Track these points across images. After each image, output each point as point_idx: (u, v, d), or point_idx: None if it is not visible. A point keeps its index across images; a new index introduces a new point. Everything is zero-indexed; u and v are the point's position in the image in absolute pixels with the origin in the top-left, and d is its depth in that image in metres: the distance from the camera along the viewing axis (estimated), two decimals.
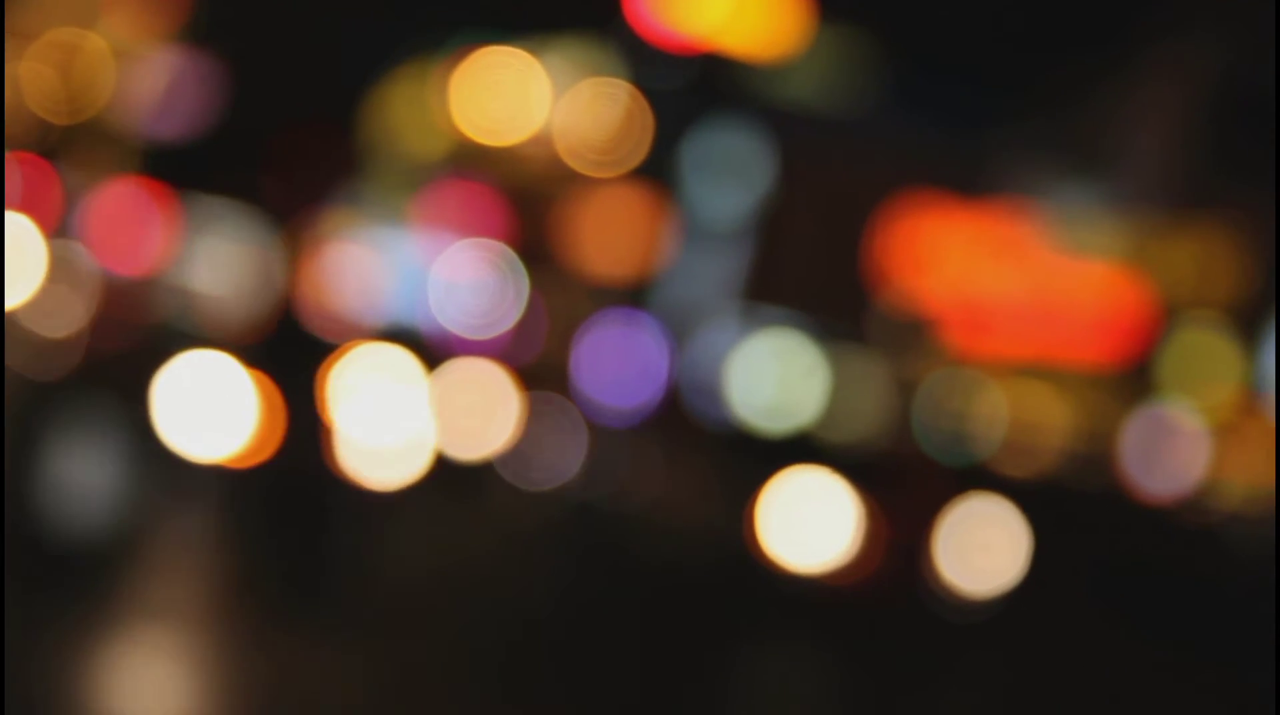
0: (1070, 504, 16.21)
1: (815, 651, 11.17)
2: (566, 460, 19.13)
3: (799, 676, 10.12)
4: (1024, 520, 14.34)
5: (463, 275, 33.53)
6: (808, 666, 10.55)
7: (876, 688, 10.11)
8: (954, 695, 10.58)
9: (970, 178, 30.83)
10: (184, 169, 32.79)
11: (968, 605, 13.66)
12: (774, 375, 30.62)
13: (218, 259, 30.01)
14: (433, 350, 21.75)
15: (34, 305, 19.97)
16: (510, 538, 14.86)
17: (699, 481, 16.67)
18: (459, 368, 20.38)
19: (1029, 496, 15.15)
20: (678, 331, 32.54)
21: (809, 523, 13.43)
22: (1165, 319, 27.06)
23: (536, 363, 28.22)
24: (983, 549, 13.88)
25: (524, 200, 35.14)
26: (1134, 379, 26.70)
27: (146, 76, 33.44)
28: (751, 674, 9.79)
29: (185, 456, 14.43)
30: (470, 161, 35.89)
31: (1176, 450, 24.42)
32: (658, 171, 34.53)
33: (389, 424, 18.41)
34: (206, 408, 14.98)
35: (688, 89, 34.69)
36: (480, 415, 19.24)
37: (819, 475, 13.76)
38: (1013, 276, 30.09)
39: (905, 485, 14.50)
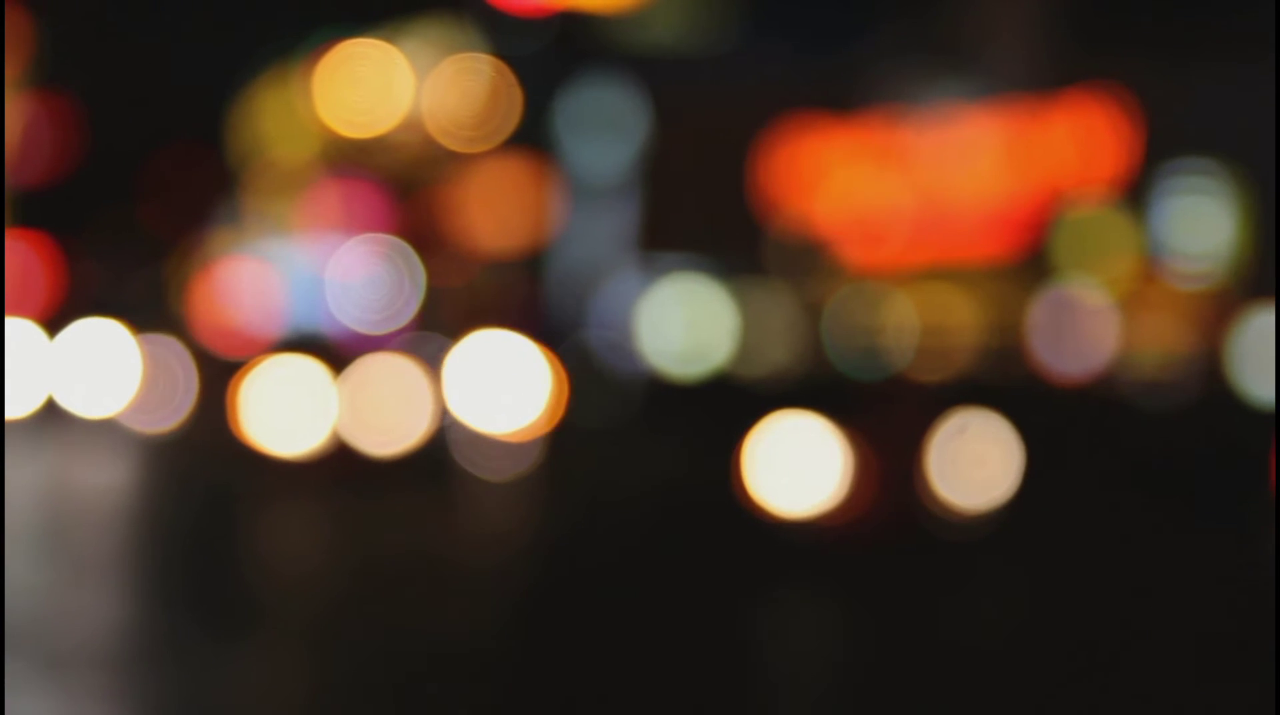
0: (995, 398, 16.25)
1: (819, 598, 11.10)
2: (513, 444, 19.09)
3: (804, 626, 10.05)
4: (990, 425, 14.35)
5: (357, 273, 33.35)
6: (813, 614, 10.48)
7: (892, 623, 10.06)
8: (975, 613, 10.56)
9: (842, 93, 30.86)
10: (57, 213, 32.43)
11: (968, 521, 13.66)
12: (683, 320, 30.63)
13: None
14: (339, 352, 21.63)
15: None
16: (476, 528, 14.78)
17: (659, 440, 16.67)
18: (367, 366, 20.28)
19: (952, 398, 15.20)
20: (581, 292, 32.48)
21: (795, 467, 13.35)
22: (1055, 202, 27.20)
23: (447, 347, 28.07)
24: (974, 462, 13.86)
25: (405, 188, 34.96)
26: (1034, 266, 26.83)
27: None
28: (755, 630, 9.72)
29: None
30: (345, 158, 35.66)
31: (1086, 329, 24.59)
32: (533, 138, 34.41)
33: (301, 430, 18.33)
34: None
35: (549, 51, 34.56)
36: (394, 409, 19.16)
37: (798, 417, 13.69)
38: (899, 185, 30.17)
39: (886, 412, 14.48)
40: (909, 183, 30.00)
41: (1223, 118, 24.84)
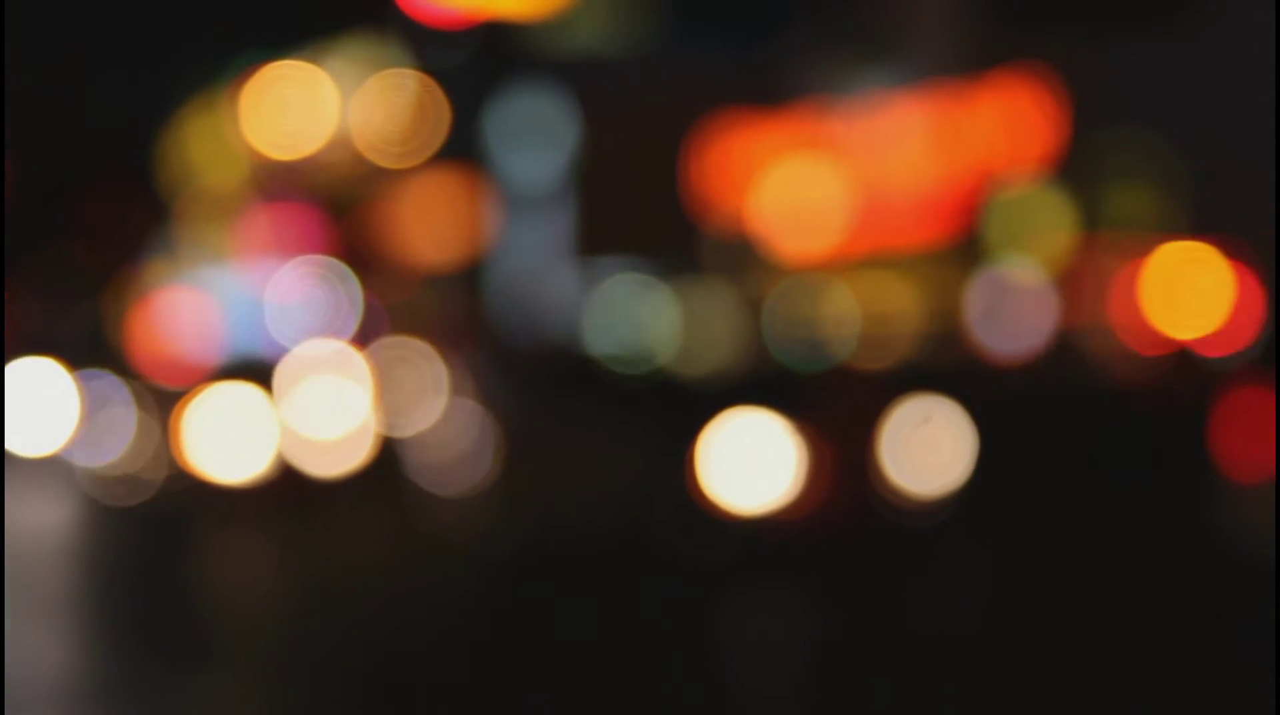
0: (941, 382, 16.26)
1: (782, 592, 11.07)
2: (468, 456, 19.03)
3: (768, 621, 10.01)
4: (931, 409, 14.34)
5: (295, 296, 33.21)
6: (777, 609, 10.45)
7: (856, 613, 10.03)
8: (939, 598, 10.55)
9: (770, 87, 30.89)
10: None
11: (924, 507, 13.64)
12: (626, 323, 30.61)
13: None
14: (281, 377, 21.52)
15: None
16: (429, 542, 14.70)
17: (611, 444, 16.60)
18: (311, 388, 20.18)
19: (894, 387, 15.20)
20: (522, 301, 32.41)
21: (748, 463, 13.30)
22: (986, 184, 27.27)
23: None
24: (927, 448, 13.85)
25: (338, 207, 34.85)
26: (969, 249, 26.90)
27: None
28: (719, 628, 9.67)
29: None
30: (276, 181, 35.52)
31: (1024, 309, 24.66)
32: (464, 149, 34.34)
33: (245, 455, 18.23)
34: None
35: (474, 62, 34.49)
36: (336, 429, 19.07)
37: (748, 414, 13.65)
38: (832, 176, 30.22)
39: (834, 403, 14.46)
40: (841, 173, 30.05)
41: (1145, 88, 24.96)
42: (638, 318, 30.62)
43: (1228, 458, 13.03)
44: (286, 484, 18.07)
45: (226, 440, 18.48)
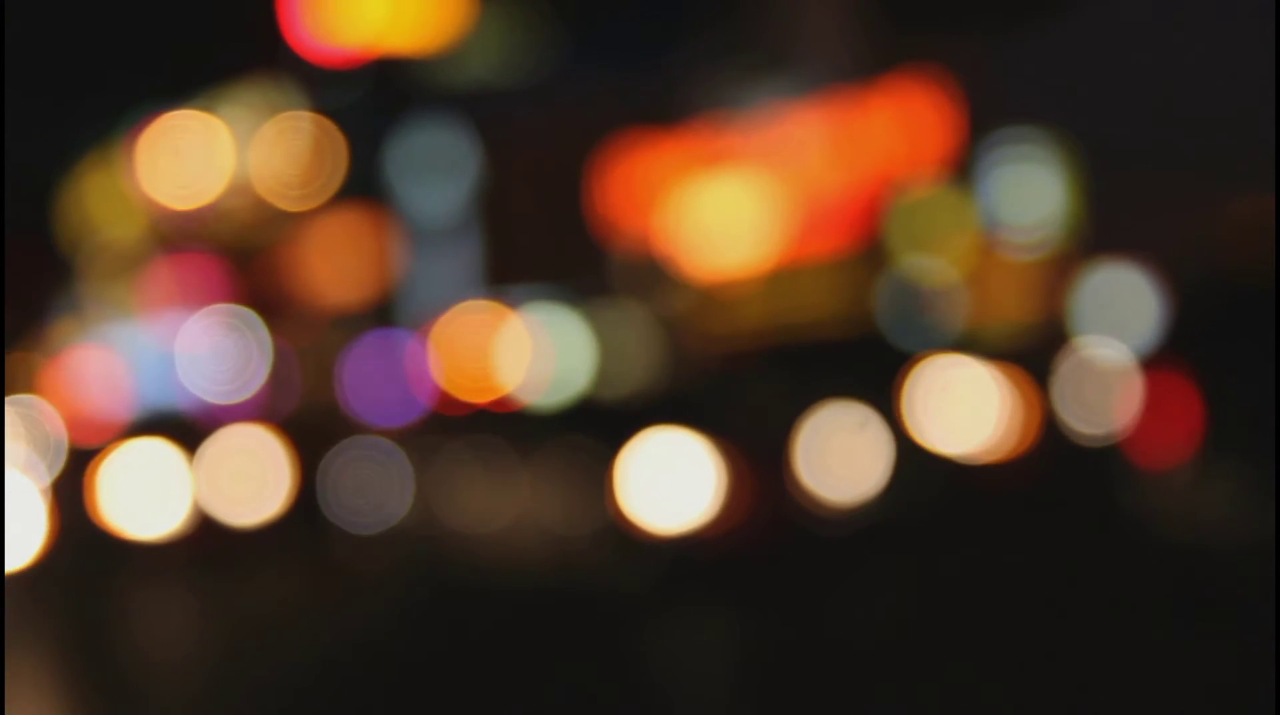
0: (855, 389, 16.27)
1: (707, 610, 11.04)
2: (388, 497, 18.91)
3: (695, 640, 9.98)
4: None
5: (204, 346, 32.99)
6: (703, 627, 10.42)
7: (782, 628, 10.01)
8: (863, 608, 10.53)
9: (667, 105, 30.93)
10: None
11: (846, 516, 13.64)
12: (539, 351, 30.55)
13: None
14: (195, 428, 21.41)
15: None
16: (351, 583, 14.59)
17: (528, 477, 16.51)
18: (225, 438, 20.07)
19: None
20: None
21: (668, 482, 13.29)
22: (888, 188, 27.38)
23: (303, 408, 27.85)
24: (844, 456, 13.86)
25: (242, 254, 34.67)
26: (875, 254, 27.00)
27: None
28: (646, 649, 9.63)
29: None
30: (177, 232, 35.29)
31: (932, 309, 24.76)
32: (365, 187, 34.23)
33: (162, 510, 18.08)
34: None
35: (369, 99, 34.40)
36: (254, 478, 18.95)
37: (666, 433, 13.63)
38: (734, 190, 30.28)
39: (750, 416, 14.46)
40: (745, 187, 30.11)
41: (1039, 81, 25.13)
42: (551, 344, 30.57)
43: (1139, 446, 13.09)
44: (205, 536, 17.93)
45: (142, 496, 18.33)
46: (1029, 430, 15.84)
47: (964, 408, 15.80)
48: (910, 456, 14.41)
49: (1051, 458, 15.55)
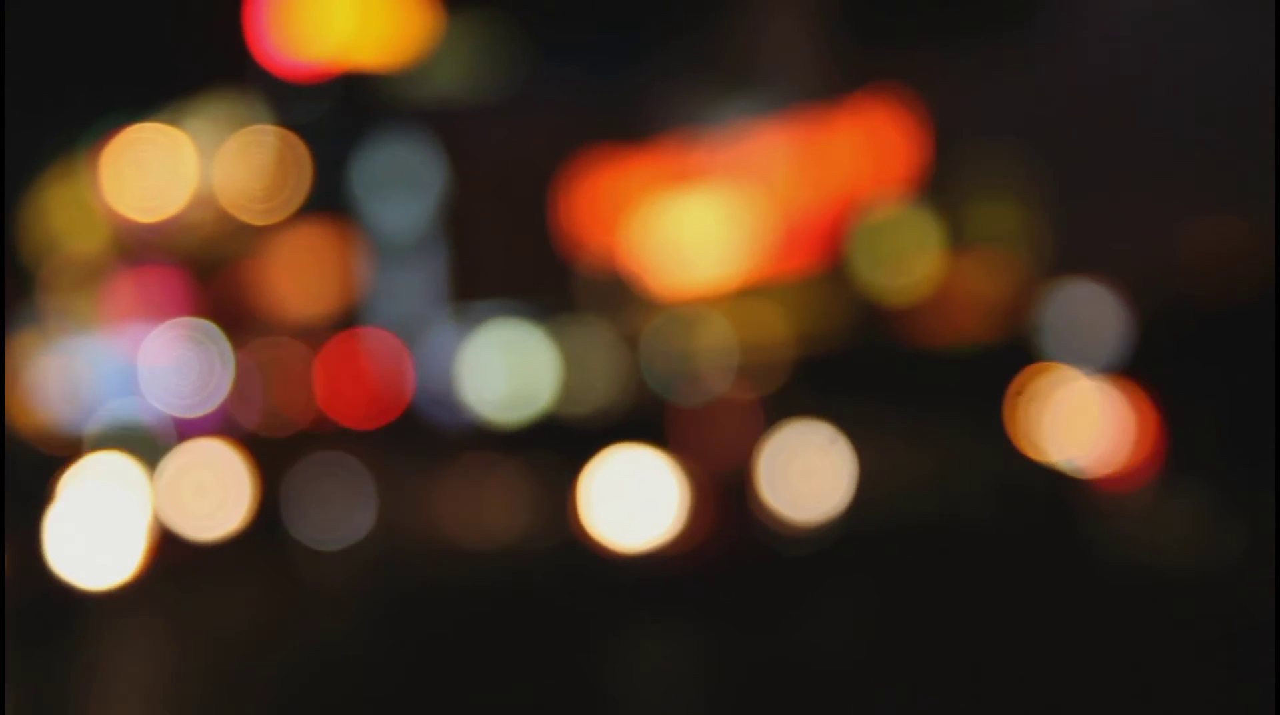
0: (818, 409, 16.27)
1: (670, 629, 11.01)
2: (352, 511, 18.87)
3: (657, 659, 9.95)
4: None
5: (166, 360, 32.87)
6: (665, 645, 10.39)
7: (744, 647, 9.98)
8: (825, 627, 10.52)
9: (634, 122, 30.94)
10: None
11: (808, 535, 13.63)
12: (504, 367, 30.51)
13: None
14: (157, 442, 21.35)
15: None
16: (316, 598, 14.54)
17: (498, 492, 16.49)
18: (188, 452, 20.01)
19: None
20: (397, 351, 32.23)
21: (631, 500, 13.26)
22: (853, 208, 27.41)
23: (270, 423, 27.77)
24: (807, 476, 13.85)
25: (206, 267, 34.57)
26: (840, 274, 27.03)
27: None
28: (607, 667, 9.60)
29: None
30: (141, 244, 35.18)
31: (896, 331, 24.77)
32: (330, 202, 34.16)
33: (121, 527, 17.98)
34: None
35: (335, 114, 34.34)
36: (216, 493, 18.89)
37: (629, 451, 13.61)
38: (700, 208, 30.29)
39: (714, 435, 14.44)
40: (710, 205, 30.13)
41: (1004, 100, 25.19)
42: (516, 361, 30.53)
43: (1102, 468, 13.11)
44: (167, 551, 17.85)
45: (107, 511, 18.23)
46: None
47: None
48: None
49: (1014, 478, 15.57)
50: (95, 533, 18.11)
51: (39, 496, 19.15)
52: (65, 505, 18.45)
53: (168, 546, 17.97)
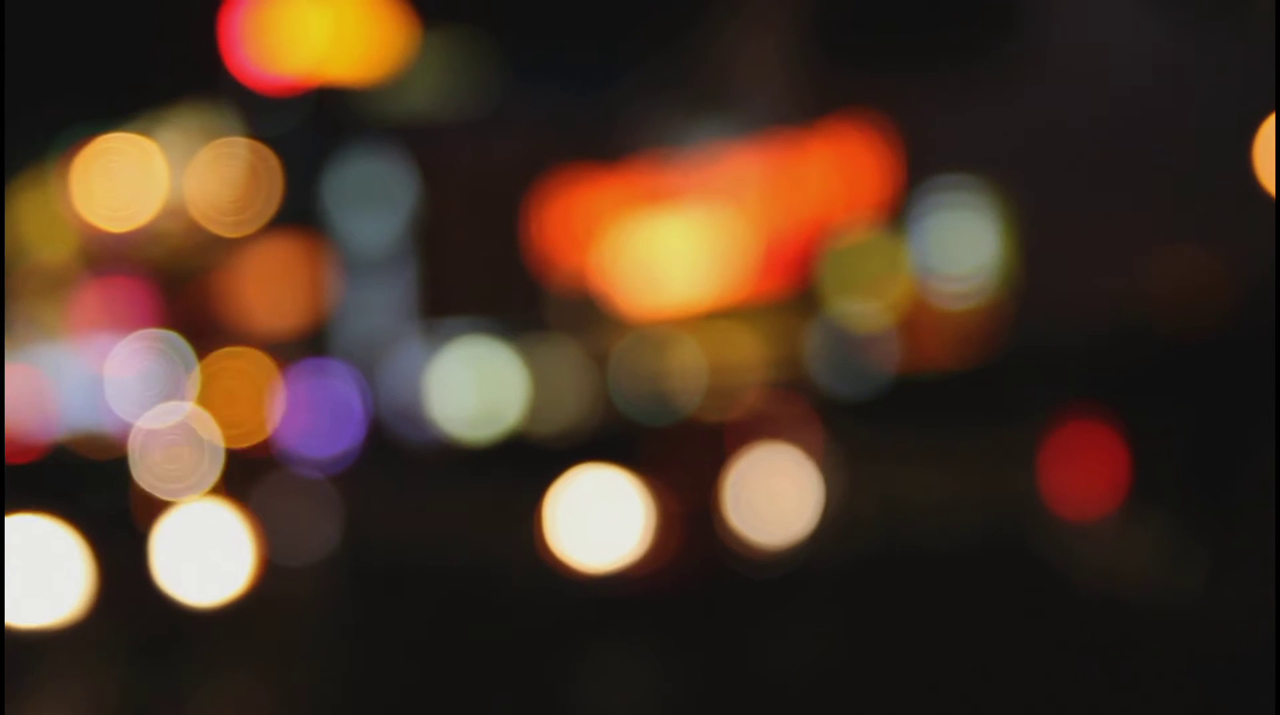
0: (784, 432, 16.28)
1: (634, 650, 10.99)
2: (318, 526, 18.81)
3: (621, 679, 9.93)
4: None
5: (132, 371, 32.77)
6: (629, 666, 10.37)
7: (709, 669, 9.97)
8: (791, 650, 10.52)
9: (607, 142, 30.96)
10: None
11: (774, 557, 13.62)
12: (472, 384, 30.48)
13: None
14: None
15: None
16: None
17: (467, 510, 16.46)
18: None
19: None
20: (365, 367, 32.18)
21: (597, 520, 13.24)
22: (823, 232, 27.45)
23: (231, 436, 27.65)
24: (773, 498, 13.84)
25: (174, 279, 34.49)
26: (808, 298, 27.05)
27: None
28: (572, 687, 9.58)
29: None
30: (110, 254, 35.09)
31: (864, 356, 24.82)
32: (301, 216, 34.11)
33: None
34: None
35: (308, 128, 34.30)
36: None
37: (595, 470, 13.59)
38: (671, 229, 30.31)
39: (681, 457, 14.43)
40: (681, 226, 30.15)
41: (973, 126, 25.26)
42: (484, 378, 30.51)
43: (1058, 495, 13.14)
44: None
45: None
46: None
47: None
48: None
49: (973, 506, 15.60)
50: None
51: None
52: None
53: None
